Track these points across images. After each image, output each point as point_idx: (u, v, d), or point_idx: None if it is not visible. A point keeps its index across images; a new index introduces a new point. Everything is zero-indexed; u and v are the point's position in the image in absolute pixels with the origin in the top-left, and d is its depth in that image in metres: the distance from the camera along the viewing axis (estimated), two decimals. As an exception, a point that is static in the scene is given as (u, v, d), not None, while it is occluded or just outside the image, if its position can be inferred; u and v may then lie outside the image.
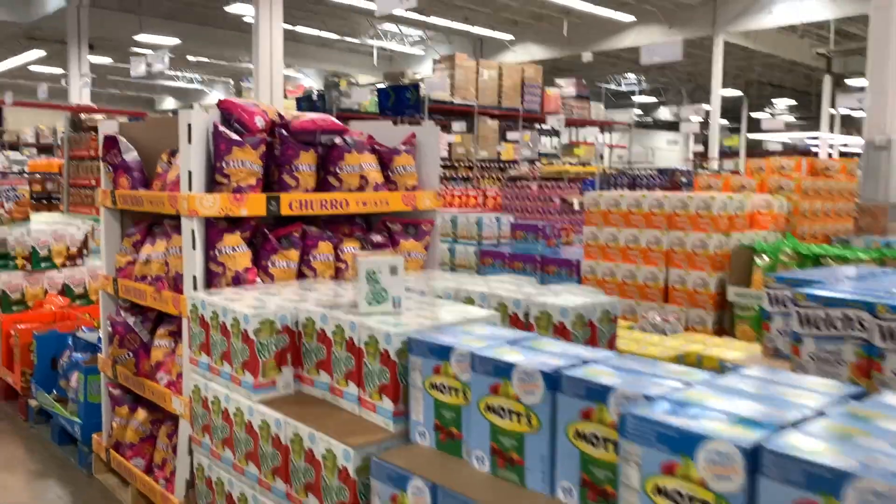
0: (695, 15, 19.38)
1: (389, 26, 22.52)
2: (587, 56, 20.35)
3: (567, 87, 19.12)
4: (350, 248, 3.25)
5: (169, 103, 35.58)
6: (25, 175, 9.31)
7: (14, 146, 25.51)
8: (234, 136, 2.95)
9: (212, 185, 2.93)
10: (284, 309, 2.43)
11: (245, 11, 17.97)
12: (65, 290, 5.31)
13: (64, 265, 5.31)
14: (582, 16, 19.93)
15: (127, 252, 3.40)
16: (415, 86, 14.60)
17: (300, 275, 3.12)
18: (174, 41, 20.99)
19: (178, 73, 30.35)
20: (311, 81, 26.04)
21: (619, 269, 4.28)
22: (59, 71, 27.09)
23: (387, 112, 13.94)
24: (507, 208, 10.00)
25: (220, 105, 3.05)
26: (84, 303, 5.34)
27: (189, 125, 2.85)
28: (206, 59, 26.70)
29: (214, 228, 2.92)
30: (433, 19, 20.41)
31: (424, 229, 3.42)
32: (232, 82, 27.45)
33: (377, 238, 3.33)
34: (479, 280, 3.02)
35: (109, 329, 3.31)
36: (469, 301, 2.75)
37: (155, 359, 3.12)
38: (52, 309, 4.95)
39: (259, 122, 3.08)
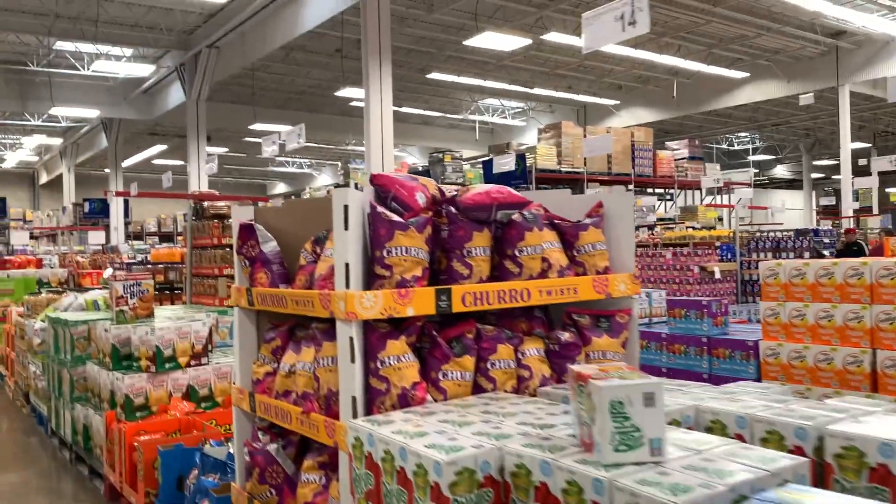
0: (815, 67, 18.23)
1: (491, 101, 22.37)
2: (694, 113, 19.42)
3: (680, 148, 18.21)
4: (533, 350, 2.58)
5: (280, 188, 36.63)
6: (149, 265, 9.22)
7: (138, 236, 26.63)
8: (396, 219, 2.36)
9: (370, 280, 2.34)
10: (485, 451, 1.75)
11: (353, 95, 18.14)
12: (189, 393, 4.84)
13: (188, 365, 4.86)
14: (691, 75, 19.13)
15: (265, 361, 2.84)
16: (521, 156, 14.12)
17: (476, 388, 2.46)
18: (286, 128, 21.44)
19: (289, 159, 31.23)
20: (415, 159, 26.14)
21: (809, 351, 3.47)
22: (179, 163, 28.36)
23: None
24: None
25: (375, 181, 2.48)
26: (209, 406, 4.86)
27: (345, 207, 2.28)
28: (314, 144, 27.32)
29: (375, 333, 2.31)
30: (536, 90, 20.07)
31: (620, 322, 2.71)
32: (340, 165, 27.89)
33: (564, 336, 2.64)
34: (700, 391, 2.29)
35: (247, 458, 2.72)
36: (717, 426, 2.01)
37: (302, 499, 2.49)
38: (176, 415, 4.48)
39: (420, 198, 2.49)
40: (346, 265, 2.27)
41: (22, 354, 7.22)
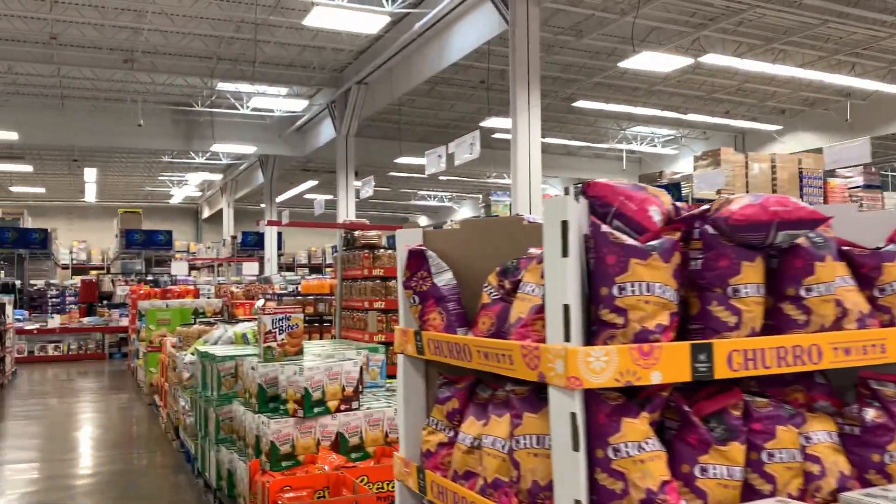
0: None
1: (639, 129, 21.24)
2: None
3: (853, 176, 16.32)
4: (822, 434, 1.78)
5: (422, 221, 36.78)
6: (299, 296, 8.98)
7: (290, 267, 27.39)
8: (631, 242, 1.64)
9: (592, 329, 1.63)
10: None
11: (498, 125, 17.64)
12: (338, 441, 4.28)
13: (338, 409, 4.32)
14: (867, 96, 17.22)
15: (439, 427, 2.17)
16: (676, 185, 13.00)
17: (746, 489, 1.68)
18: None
19: (430, 192, 31.30)
20: (557, 190, 25.30)
21: None
22: (328, 197, 29.03)
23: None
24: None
25: (591, 191, 1.76)
26: (359, 457, 4.28)
27: (564, 224, 1.58)
28: (455, 177, 27.13)
29: (604, 408, 1.59)
30: (690, 116, 18.79)
31: (946, 393, 1.83)
32: (481, 198, 27.57)
33: (869, 414, 1.80)
34: None
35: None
36: None
37: None
38: (325, 469, 3.92)
39: (654, 214, 1.75)
40: (566, 308, 1.56)
41: (173, 387, 7.03)
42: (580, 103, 17.70)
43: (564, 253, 1.57)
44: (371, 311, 6.47)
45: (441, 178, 27.63)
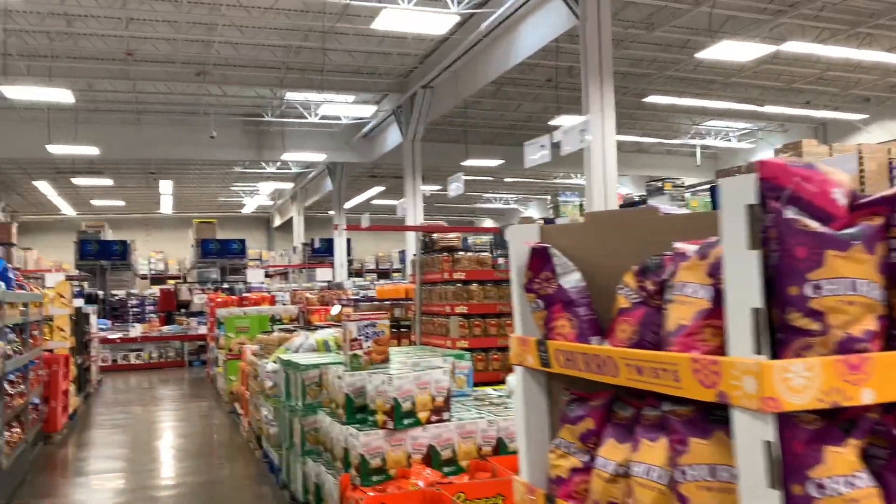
0: None
1: (713, 123, 20.47)
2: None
3: (949, 163, 15.31)
4: None
5: (487, 224, 36.51)
6: (374, 302, 8.83)
7: (359, 273, 27.48)
8: (825, 230, 1.34)
9: (778, 337, 1.33)
10: None
11: (566, 124, 17.20)
12: (430, 455, 4.05)
13: (429, 421, 4.08)
14: (963, 78, 16.15)
15: (570, 450, 1.89)
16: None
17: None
18: (497, 162, 21.12)
19: (495, 195, 31.00)
20: (627, 189, 24.65)
21: None
22: (395, 203, 29.07)
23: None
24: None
25: (765, 170, 1.45)
26: (452, 471, 4.03)
27: (750, 210, 1.29)
28: (521, 179, 26.78)
29: (801, 433, 1.29)
30: (767, 108, 17.98)
31: None
32: (549, 198, 27.10)
33: None
34: None
35: None
36: None
37: None
38: (419, 485, 3.68)
39: (839, 197, 1.43)
40: (756, 313, 1.27)
41: (255, 396, 6.94)
42: (651, 98, 17.14)
43: (753, 244, 1.28)
44: (453, 316, 6.23)
45: (506, 179, 27.33)
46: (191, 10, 12.52)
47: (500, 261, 6.88)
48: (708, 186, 14.23)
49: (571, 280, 1.92)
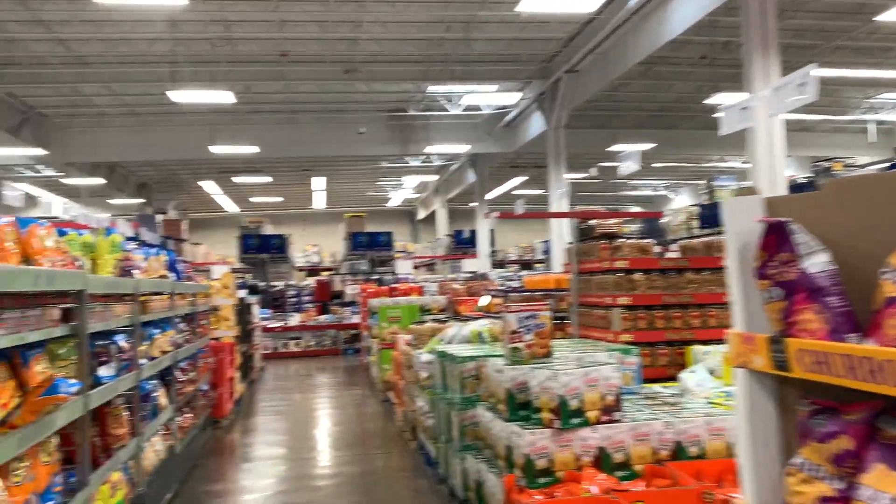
0: None
1: (890, 95, 18.47)
2: None
3: None
4: None
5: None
6: (524, 293, 8.55)
7: (500, 264, 27.31)
8: None
9: None
10: None
11: (723, 103, 16.09)
12: (601, 458, 3.71)
13: (599, 421, 3.74)
14: None
15: (815, 473, 1.51)
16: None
17: None
18: (646, 146, 20.18)
19: (643, 182, 29.80)
20: (791, 171, 22.84)
21: None
22: (536, 192, 28.64)
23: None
24: None
25: None
26: (625, 476, 3.68)
27: None
28: (670, 164, 25.52)
29: None
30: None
31: None
32: (704, 183, 25.68)
33: None
34: None
35: None
36: None
37: None
38: (591, 492, 3.36)
39: None
40: None
41: (409, 385, 6.86)
42: (818, 72, 15.64)
43: None
44: (615, 307, 5.82)
45: (655, 165, 26.15)
46: (338, 8, 12.73)
47: (657, 248, 6.40)
48: (889, 164, 12.80)
49: (819, 262, 1.53)
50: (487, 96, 17.31)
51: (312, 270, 28.32)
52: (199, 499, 5.62)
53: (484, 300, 9.17)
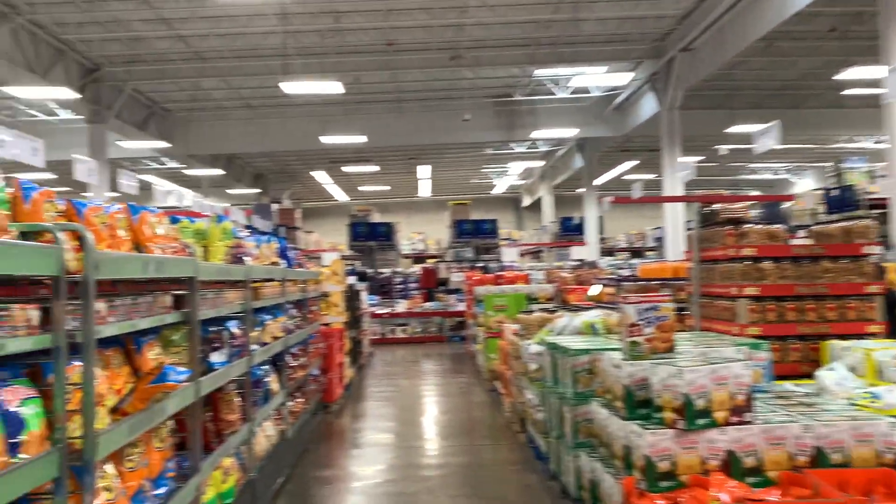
0: None
1: None
2: None
3: None
4: None
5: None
6: (638, 282, 8.14)
7: (609, 252, 26.58)
8: None
9: None
10: None
11: (855, 78, 14.92)
12: (730, 463, 3.38)
13: (727, 423, 3.42)
14: None
15: None
16: None
17: None
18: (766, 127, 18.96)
19: (762, 165, 28.19)
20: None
21: None
22: (647, 177, 27.68)
23: None
24: None
25: None
26: (757, 483, 3.34)
27: None
28: (793, 146, 23.97)
29: None
30: None
31: None
32: (831, 165, 24.03)
33: None
34: None
35: None
36: None
37: None
38: (722, 499, 3.05)
39: None
40: None
41: (517, 377, 6.66)
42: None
43: None
44: (741, 298, 5.39)
45: (775, 147, 24.65)
46: (444, -7, 12.62)
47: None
48: None
49: None
50: (597, 78, 16.74)
51: (418, 258, 28.58)
52: (308, 485, 5.65)
53: (594, 289, 8.84)
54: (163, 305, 3.23)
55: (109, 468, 2.59)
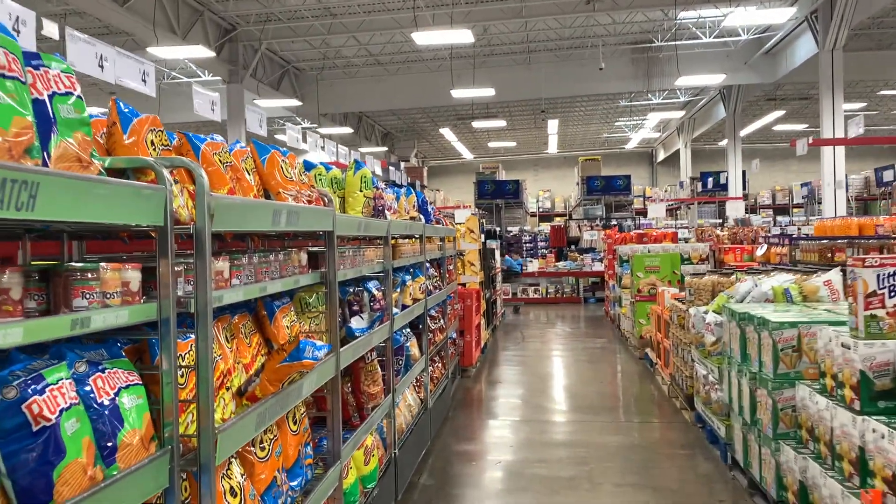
0: None
1: None
2: None
3: None
4: None
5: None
6: (812, 240, 6.99)
7: (752, 210, 24.54)
8: None
9: None
10: None
11: None
12: None
13: None
14: None
15: None
16: None
17: None
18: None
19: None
20: None
21: None
22: (798, 127, 25.26)
23: None
24: None
25: None
26: None
27: None
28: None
29: None
30: None
31: None
32: None
33: None
34: None
35: None
36: None
37: None
38: None
39: None
40: None
41: (681, 347, 5.81)
42: None
43: None
44: None
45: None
46: (584, -72, 11.48)
47: None
48: None
49: None
50: (749, 16, 14.97)
51: (544, 216, 27.67)
52: (450, 461, 5.12)
53: (761, 249, 7.75)
54: (296, 265, 2.69)
55: (235, 466, 2.08)
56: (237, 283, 2.10)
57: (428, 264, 5.73)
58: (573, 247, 18.64)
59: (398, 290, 4.51)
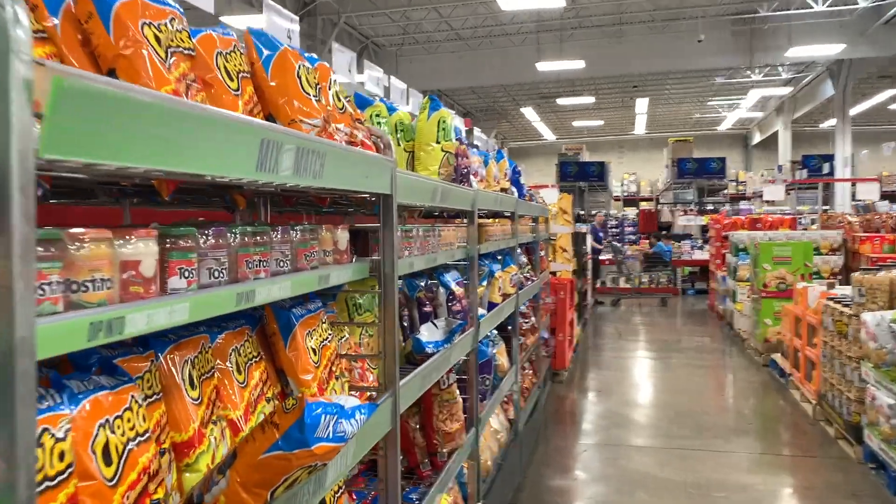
0: None
1: None
2: None
3: None
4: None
5: None
6: None
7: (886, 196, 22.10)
8: None
9: None
10: None
11: None
12: None
13: None
14: None
15: None
16: None
17: None
18: None
19: None
20: None
21: None
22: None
23: None
24: None
25: None
26: None
27: None
28: None
29: None
30: None
31: None
32: None
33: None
34: None
35: None
36: None
37: None
38: None
39: None
40: None
41: (842, 362, 4.47)
42: None
43: None
44: None
45: None
46: None
47: None
48: None
49: None
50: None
51: (629, 200, 25.97)
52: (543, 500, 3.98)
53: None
54: (330, 247, 1.59)
55: None
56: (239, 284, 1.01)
57: (519, 250, 4.58)
58: (664, 232, 17.07)
59: (484, 283, 3.38)
